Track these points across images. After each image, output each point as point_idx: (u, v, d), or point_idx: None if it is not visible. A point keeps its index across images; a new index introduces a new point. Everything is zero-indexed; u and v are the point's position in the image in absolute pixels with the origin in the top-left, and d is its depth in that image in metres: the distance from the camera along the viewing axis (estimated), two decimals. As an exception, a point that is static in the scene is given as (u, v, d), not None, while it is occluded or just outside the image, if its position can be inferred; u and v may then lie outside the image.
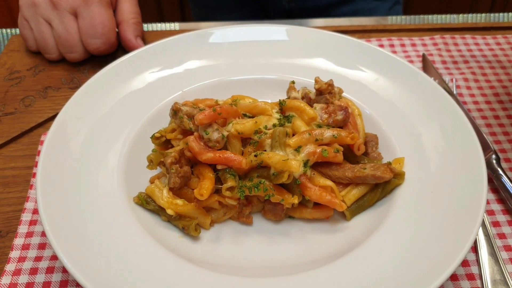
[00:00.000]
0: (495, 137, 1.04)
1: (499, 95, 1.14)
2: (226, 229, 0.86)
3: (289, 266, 0.79)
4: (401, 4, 1.86)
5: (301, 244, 0.83)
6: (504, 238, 0.87)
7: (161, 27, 1.41)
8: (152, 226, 0.82)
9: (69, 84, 1.19)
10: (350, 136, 0.86)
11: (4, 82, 1.19)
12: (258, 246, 0.83)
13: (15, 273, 0.82)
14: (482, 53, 1.26)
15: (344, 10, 1.76)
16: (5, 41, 1.36)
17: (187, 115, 0.89)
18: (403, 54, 1.25)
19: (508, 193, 0.90)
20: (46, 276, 0.82)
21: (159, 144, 0.91)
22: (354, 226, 0.85)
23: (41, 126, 1.09)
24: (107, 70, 1.00)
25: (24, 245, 0.86)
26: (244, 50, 1.08)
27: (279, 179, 0.81)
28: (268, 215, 0.86)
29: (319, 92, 0.95)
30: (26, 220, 0.89)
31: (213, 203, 0.84)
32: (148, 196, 0.84)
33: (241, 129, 0.85)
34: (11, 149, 1.04)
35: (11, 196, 0.95)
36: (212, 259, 0.80)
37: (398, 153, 0.90)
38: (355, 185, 0.86)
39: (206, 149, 0.84)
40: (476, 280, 0.81)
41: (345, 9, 1.76)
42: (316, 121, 0.90)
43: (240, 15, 1.87)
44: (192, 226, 0.81)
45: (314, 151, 0.84)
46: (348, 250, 0.78)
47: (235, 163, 0.82)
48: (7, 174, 0.99)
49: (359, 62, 1.05)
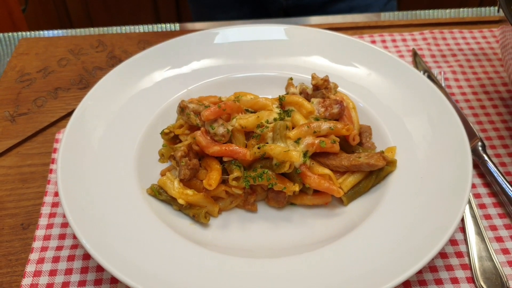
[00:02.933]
0: (481, 125, 1.10)
1: (485, 86, 1.20)
2: (233, 216, 0.92)
3: (291, 247, 0.85)
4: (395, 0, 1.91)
5: (302, 228, 0.89)
6: (490, 219, 0.93)
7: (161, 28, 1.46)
8: (165, 215, 0.88)
9: (77, 84, 1.25)
10: (346, 128, 0.92)
11: (16, 84, 1.25)
12: (263, 230, 0.89)
13: (38, 262, 0.88)
14: (469, 46, 1.32)
15: (340, 6, 1.78)
16: (7, 45, 1.41)
17: (194, 111, 0.95)
18: (394, 49, 1.31)
19: (493, 177, 0.96)
20: (67, 264, 0.88)
21: (168, 139, 0.97)
22: (351, 210, 0.91)
23: (53, 125, 1.15)
24: (117, 70, 1.06)
25: (46, 236, 0.92)
26: (245, 50, 1.13)
27: (281, 168, 0.87)
28: (271, 202, 0.92)
29: (316, 87, 1.01)
30: (46, 213, 0.95)
31: (220, 193, 0.90)
32: (160, 188, 0.91)
33: (244, 124, 0.92)
34: (27, 147, 1.10)
35: (30, 191, 1.01)
36: (221, 243, 0.86)
37: (390, 143, 0.97)
38: (351, 173, 0.92)
39: (213, 143, 0.90)
40: (464, 257, 0.87)
41: (342, 6, 1.78)
42: (314, 115, 0.96)
43: (238, 13, 1.90)
44: (202, 214, 0.87)
45: (313, 142, 0.90)
46: (345, 232, 0.84)
47: (240, 155, 0.89)
48: (25, 171, 1.05)
49: (352, 59, 1.11)
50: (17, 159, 1.07)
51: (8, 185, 1.02)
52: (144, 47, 1.33)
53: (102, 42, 1.37)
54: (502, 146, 1.06)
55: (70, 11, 3.13)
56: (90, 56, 1.33)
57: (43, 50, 1.35)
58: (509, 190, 0.93)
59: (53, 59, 1.33)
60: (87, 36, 1.40)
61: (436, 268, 0.86)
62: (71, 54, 1.34)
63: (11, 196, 1.00)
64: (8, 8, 2.74)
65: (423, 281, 0.84)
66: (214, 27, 1.22)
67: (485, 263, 0.85)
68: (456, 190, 0.83)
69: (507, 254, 0.88)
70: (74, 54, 1.34)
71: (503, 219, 0.93)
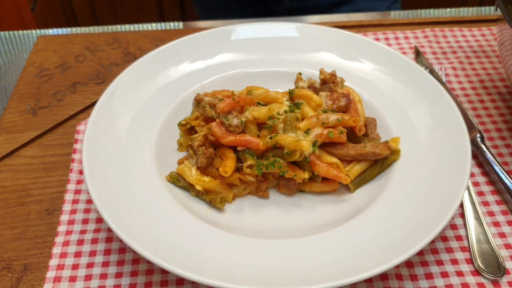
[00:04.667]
0: (480, 118, 1.16)
1: (484, 81, 1.26)
2: (246, 202, 0.97)
3: (300, 230, 0.91)
4: (399, 2, 1.94)
5: (311, 212, 0.94)
6: (488, 205, 0.99)
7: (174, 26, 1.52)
8: (183, 200, 0.94)
9: (95, 79, 1.31)
10: (353, 119, 0.98)
11: (36, 79, 1.31)
12: (274, 215, 0.95)
13: (64, 244, 0.93)
14: (469, 44, 1.38)
15: (344, 10, 1.83)
16: (24, 42, 1.47)
17: (209, 104, 1.01)
18: (397, 46, 1.37)
19: (491, 166, 1.02)
20: (91, 246, 0.93)
21: (184, 130, 1.03)
22: (357, 196, 0.96)
23: (73, 118, 1.20)
24: (136, 65, 1.11)
25: (70, 220, 0.97)
26: (257, 46, 1.19)
27: (292, 157, 0.93)
28: (282, 189, 0.98)
29: (324, 81, 1.07)
30: (69, 199, 1.01)
31: (234, 180, 0.96)
32: (178, 175, 0.96)
33: (257, 115, 0.97)
34: (48, 139, 1.15)
35: (53, 180, 1.06)
36: (236, 225, 0.91)
37: (394, 133, 1.02)
38: (357, 162, 0.98)
39: (228, 133, 0.96)
40: (464, 240, 0.93)
41: (346, 9, 1.83)
42: (322, 107, 1.01)
43: (243, 15, 1.93)
44: (218, 199, 0.93)
45: (322, 133, 0.96)
46: (352, 216, 0.90)
47: (253, 145, 0.94)
48: (48, 160, 1.10)
49: (358, 55, 1.16)
50: (39, 150, 1.13)
51: (33, 173, 1.07)
52: (158, 44, 1.39)
53: (117, 39, 1.43)
54: (499, 138, 1.12)
55: (76, 9, 3.19)
56: (106, 52, 1.39)
57: (60, 47, 1.41)
58: (506, 178, 0.99)
59: (71, 55, 1.38)
60: (102, 34, 1.46)
61: (437, 251, 0.92)
62: (88, 50, 1.40)
63: (36, 184, 1.05)
64: (17, 6, 2.78)
65: (425, 262, 0.90)
66: (219, 26, 1.26)
67: (483, 246, 0.91)
68: (456, 177, 0.89)
69: (504, 238, 0.93)
70: (90, 50, 1.40)
71: (500, 206, 0.99)
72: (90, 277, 0.89)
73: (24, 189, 1.04)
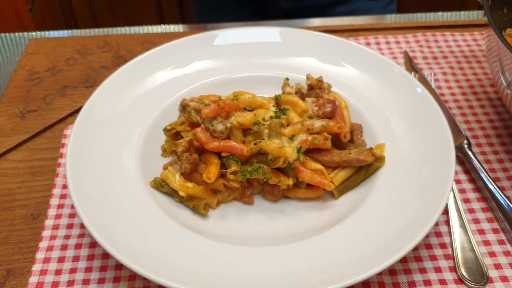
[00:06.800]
0: (468, 124, 1.16)
1: (474, 87, 1.25)
2: (231, 208, 0.97)
3: (285, 236, 0.90)
4: (395, 3, 1.94)
5: (296, 219, 0.94)
6: (473, 212, 0.98)
7: (165, 29, 1.52)
8: (167, 207, 0.93)
9: (84, 83, 1.31)
10: (337, 126, 0.97)
11: (26, 83, 1.31)
12: (259, 221, 0.94)
13: (48, 249, 0.93)
14: (460, 49, 1.37)
15: (340, 10, 1.82)
16: (16, 45, 1.47)
17: (195, 109, 1.00)
18: (388, 51, 1.36)
19: (477, 173, 1.02)
20: (75, 251, 0.93)
21: (170, 136, 1.03)
22: (342, 203, 0.96)
23: (61, 122, 1.20)
24: (123, 70, 1.11)
25: (54, 225, 0.97)
26: (244, 51, 1.19)
27: (276, 163, 0.92)
28: (266, 195, 0.98)
29: (311, 87, 1.06)
30: (55, 204, 1.01)
31: (219, 186, 0.95)
32: (162, 180, 0.96)
33: (242, 121, 0.97)
34: (36, 143, 1.15)
35: (39, 184, 1.06)
36: (220, 232, 0.91)
37: (380, 140, 1.02)
38: (342, 168, 0.98)
39: (212, 139, 0.96)
40: (448, 248, 0.93)
41: (342, 9, 1.82)
42: (308, 113, 1.01)
43: (240, 15, 1.94)
44: (201, 205, 0.93)
45: (306, 139, 0.95)
46: (336, 223, 0.89)
47: (238, 151, 0.94)
48: (35, 164, 1.10)
49: (346, 60, 1.16)
50: (27, 154, 1.13)
51: (19, 178, 1.08)
52: (148, 47, 1.39)
53: (108, 43, 1.43)
54: (487, 144, 1.11)
55: (76, 11, 3.19)
56: (96, 56, 1.39)
57: (52, 50, 1.41)
58: (491, 186, 0.99)
59: (61, 58, 1.38)
60: (93, 37, 1.46)
61: (421, 258, 0.91)
62: (78, 54, 1.40)
63: (22, 188, 1.05)
64: (15, 7, 2.78)
65: (408, 269, 0.90)
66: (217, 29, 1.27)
67: (467, 254, 0.91)
68: (439, 184, 0.89)
69: (488, 246, 0.93)
70: (81, 54, 1.40)
71: (486, 213, 0.98)
72: (72, 282, 0.89)
73: (10, 193, 1.05)
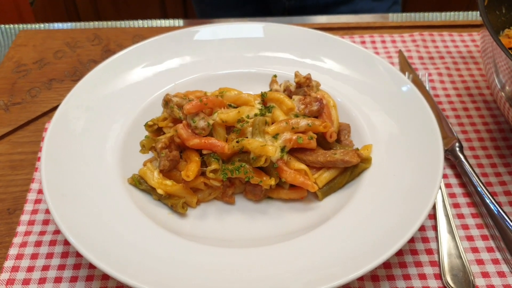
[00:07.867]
0: (462, 127, 1.12)
1: (470, 88, 1.22)
2: (211, 208, 0.94)
3: (266, 238, 0.87)
4: (399, 4, 1.90)
5: (278, 220, 0.91)
6: (463, 218, 0.95)
7: (165, 24, 1.49)
8: (144, 204, 0.91)
9: (72, 76, 1.29)
10: (323, 125, 0.94)
11: (12, 75, 1.29)
12: (240, 222, 0.92)
13: (21, 245, 0.91)
14: (458, 49, 1.34)
15: (343, 10, 1.79)
16: (8, 37, 1.44)
17: (177, 105, 0.98)
18: (383, 50, 1.33)
19: (468, 177, 0.98)
20: (49, 248, 0.91)
21: (152, 132, 1.00)
22: (326, 205, 0.93)
23: (46, 115, 1.18)
24: (106, 64, 1.09)
25: (30, 221, 0.95)
26: (232, 46, 1.16)
27: (257, 162, 0.89)
28: (248, 195, 0.95)
29: (299, 85, 1.03)
30: (32, 199, 0.99)
31: (199, 184, 0.93)
32: (140, 177, 0.93)
33: (225, 118, 0.94)
34: (18, 136, 1.13)
35: (18, 178, 1.04)
36: (199, 233, 0.88)
37: (368, 140, 0.98)
38: (326, 169, 0.94)
39: (193, 136, 0.93)
40: (434, 254, 0.89)
41: (344, 9, 1.79)
42: (294, 111, 0.98)
43: (241, 13, 1.91)
44: (180, 204, 0.90)
45: (290, 138, 0.92)
46: (319, 225, 0.86)
47: (219, 148, 0.91)
48: (15, 158, 1.08)
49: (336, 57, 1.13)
50: (8, 147, 1.10)
51: (-2, 171, 1.05)
52: (138, 41, 1.36)
53: (98, 36, 1.41)
54: (481, 147, 1.07)
55: (78, 5, 3.17)
56: (85, 49, 1.37)
57: (41, 42, 1.39)
58: (482, 191, 0.95)
59: (50, 51, 1.36)
60: (84, 30, 1.44)
61: (405, 264, 0.88)
62: (68, 46, 1.37)
63: (0, 182, 1.03)
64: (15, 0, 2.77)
65: (391, 276, 0.86)
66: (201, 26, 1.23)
67: (453, 261, 0.87)
68: (426, 187, 0.85)
69: (476, 253, 0.89)
70: (70, 46, 1.37)
71: (475, 219, 0.95)
72: (44, 280, 0.87)
73: (-13, 187, 1.02)
